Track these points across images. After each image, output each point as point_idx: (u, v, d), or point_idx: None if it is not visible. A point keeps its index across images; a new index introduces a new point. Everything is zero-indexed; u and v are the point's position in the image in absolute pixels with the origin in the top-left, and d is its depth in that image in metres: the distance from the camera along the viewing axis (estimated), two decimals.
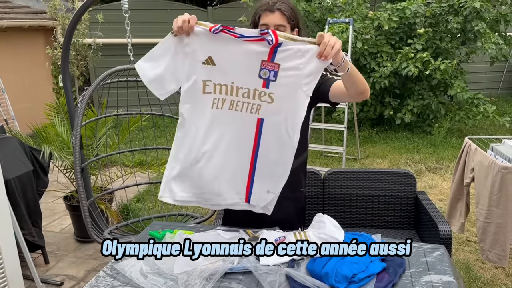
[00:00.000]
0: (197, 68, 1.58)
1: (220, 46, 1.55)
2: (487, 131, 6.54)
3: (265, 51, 1.53)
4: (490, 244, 2.52)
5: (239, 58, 1.55)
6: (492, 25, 6.14)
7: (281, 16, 1.71)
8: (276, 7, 1.71)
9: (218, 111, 1.62)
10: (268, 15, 1.71)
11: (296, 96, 1.58)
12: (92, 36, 6.95)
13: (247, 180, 1.71)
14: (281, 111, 1.60)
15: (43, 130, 3.37)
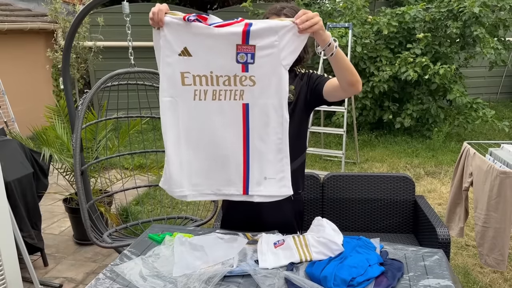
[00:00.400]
0: (174, 60, 1.56)
1: (194, 36, 1.52)
2: (486, 136, 6.56)
3: (238, 34, 1.50)
4: (488, 248, 2.53)
5: (214, 46, 1.52)
6: (491, 30, 6.17)
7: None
8: (283, 12, 1.75)
9: (200, 103, 1.59)
10: (274, 18, 1.72)
11: (277, 73, 1.55)
12: (92, 39, 6.97)
13: (242, 171, 1.66)
14: (264, 91, 1.58)
15: (43, 133, 3.38)
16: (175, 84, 1.58)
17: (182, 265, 1.56)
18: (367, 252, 1.64)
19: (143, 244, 1.84)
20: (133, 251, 1.77)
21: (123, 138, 3.66)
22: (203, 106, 1.59)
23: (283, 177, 1.67)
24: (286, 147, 1.64)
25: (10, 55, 6.74)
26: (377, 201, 2.68)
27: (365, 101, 6.33)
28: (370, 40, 6.12)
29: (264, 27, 1.50)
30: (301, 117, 1.86)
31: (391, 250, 1.74)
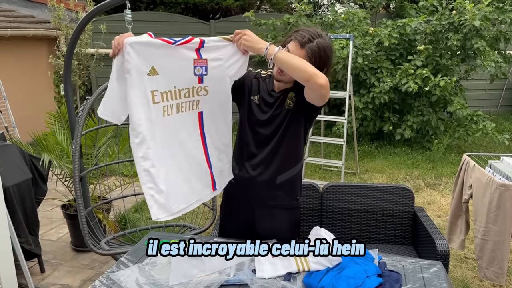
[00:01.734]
0: (144, 81, 1.61)
1: (159, 55, 1.63)
2: (486, 148, 6.55)
3: (193, 50, 1.69)
4: (487, 261, 2.51)
5: (176, 62, 1.66)
6: (491, 43, 6.20)
7: (305, 57, 1.70)
8: (308, 47, 1.71)
9: (169, 118, 1.68)
10: (296, 47, 1.72)
11: (224, 81, 1.78)
12: (94, 46, 7.01)
13: (208, 169, 1.84)
14: (214, 98, 1.79)
15: (43, 138, 3.38)
16: (147, 104, 1.62)
17: (179, 273, 1.55)
18: (365, 263, 1.64)
19: (140, 252, 1.83)
20: (130, 259, 1.76)
21: (123, 145, 3.66)
22: (171, 121, 1.69)
23: (229, 167, 1.94)
24: (230, 143, 1.92)
25: (13, 61, 6.77)
26: (376, 212, 2.67)
27: (366, 112, 6.34)
28: (371, 52, 6.15)
29: (212, 46, 1.73)
30: (299, 124, 1.87)
31: (390, 261, 1.74)
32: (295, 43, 1.73)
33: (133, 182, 3.53)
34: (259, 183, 1.89)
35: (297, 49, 1.71)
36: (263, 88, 1.91)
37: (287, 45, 1.75)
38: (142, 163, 1.62)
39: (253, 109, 1.90)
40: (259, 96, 1.90)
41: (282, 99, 1.86)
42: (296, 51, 1.71)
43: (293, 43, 1.74)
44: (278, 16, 7.42)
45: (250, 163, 1.90)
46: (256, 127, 1.89)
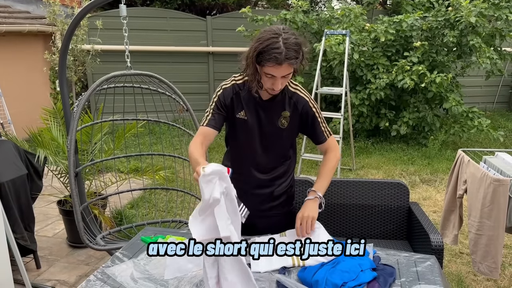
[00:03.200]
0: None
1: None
2: (481, 145, 6.58)
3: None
4: (481, 256, 2.53)
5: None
6: (487, 40, 6.21)
7: (288, 67, 1.63)
8: (284, 58, 1.59)
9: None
10: (276, 67, 1.61)
11: None
12: (90, 42, 6.98)
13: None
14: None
15: (38, 134, 3.37)
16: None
17: (174, 268, 1.56)
18: (360, 257, 1.64)
19: (135, 247, 1.84)
20: (125, 254, 1.77)
21: (119, 141, 3.66)
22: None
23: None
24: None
25: (8, 57, 6.73)
26: (371, 208, 2.68)
27: (362, 108, 6.35)
28: (367, 48, 6.15)
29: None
30: (292, 140, 1.95)
31: (384, 255, 1.75)
32: (272, 67, 1.62)
33: (129, 179, 3.53)
34: (257, 198, 1.95)
35: (278, 68, 1.62)
36: (245, 100, 1.82)
37: (265, 71, 1.65)
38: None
39: (242, 124, 1.84)
40: (244, 111, 1.83)
41: (275, 110, 1.83)
42: (278, 70, 1.63)
43: (269, 68, 1.63)
44: (275, 12, 7.41)
45: (247, 180, 1.92)
46: (248, 143, 1.88)
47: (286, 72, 1.65)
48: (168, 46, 7.73)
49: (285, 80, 1.70)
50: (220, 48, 7.87)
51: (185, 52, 7.84)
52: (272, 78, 1.67)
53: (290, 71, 1.67)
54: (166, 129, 7.07)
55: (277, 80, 1.67)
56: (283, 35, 1.61)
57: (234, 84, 1.84)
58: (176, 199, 4.33)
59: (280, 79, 1.66)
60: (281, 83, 1.69)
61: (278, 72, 1.64)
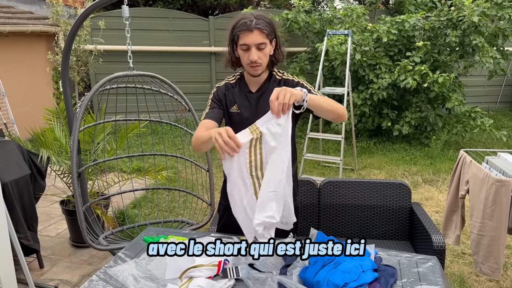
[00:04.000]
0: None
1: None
2: (484, 145, 6.57)
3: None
4: (483, 256, 2.53)
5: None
6: (490, 40, 6.20)
7: (261, 34, 1.73)
8: (254, 26, 1.72)
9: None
10: (247, 34, 1.73)
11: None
12: (93, 42, 7.00)
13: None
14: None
15: (41, 135, 3.38)
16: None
17: (175, 268, 1.56)
18: (361, 258, 1.65)
19: (137, 247, 1.84)
20: (127, 253, 1.78)
21: (121, 142, 3.67)
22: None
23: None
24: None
25: (12, 58, 6.76)
26: (373, 208, 2.68)
27: (364, 108, 6.35)
28: (369, 48, 6.15)
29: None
30: (292, 125, 1.89)
31: (385, 256, 1.75)
32: (243, 34, 1.73)
33: (131, 179, 3.54)
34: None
35: (249, 35, 1.72)
36: (237, 95, 1.90)
37: (240, 43, 1.75)
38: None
39: (236, 117, 1.89)
40: (237, 105, 1.90)
41: (264, 101, 1.84)
42: (250, 37, 1.72)
43: (242, 35, 1.73)
44: (277, 12, 7.41)
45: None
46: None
47: (258, 39, 1.73)
48: (170, 46, 7.74)
49: (261, 53, 1.76)
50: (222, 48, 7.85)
51: (188, 52, 7.85)
52: (247, 50, 1.76)
53: (263, 40, 1.74)
54: (168, 129, 7.08)
55: (252, 50, 1.74)
56: (254, 14, 1.77)
57: (226, 83, 1.96)
58: (178, 199, 4.34)
59: (254, 48, 1.74)
60: (257, 55, 1.75)
61: (251, 39, 1.73)
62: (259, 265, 1.62)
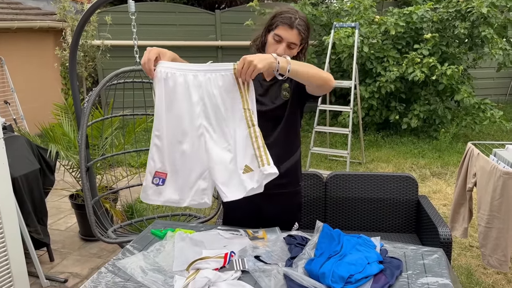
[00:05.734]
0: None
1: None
2: (493, 137, 6.51)
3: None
4: (491, 249, 2.52)
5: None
6: (499, 31, 6.12)
7: (298, 35, 1.77)
8: (296, 25, 1.75)
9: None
10: (287, 29, 1.75)
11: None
12: (100, 37, 7.03)
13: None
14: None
15: (50, 130, 3.42)
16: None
17: (182, 260, 1.58)
18: (366, 250, 1.65)
19: (145, 240, 1.86)
20: (136, 246, 1.80)
21: (129, 136, 3.70)
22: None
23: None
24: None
25: (20, 53, 6.82)
26: (380, 201, 2.68)
27: (372, 101, 6.32)
28: (377, 40, 6.11)
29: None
30: (296, 112, 1.91)
31: (391, 248, 1.75)
32: (284, 28, 1.75)
33: (139, 173, 3.57)
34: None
35: (288, 31, 1.75)
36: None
37: (275, 32, 1.76)
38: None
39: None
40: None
41: (276, 89, 1.87)
42: (288, 34, 1.75)
43: (281, 28, 1.75)
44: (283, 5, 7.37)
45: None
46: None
47: (294, 39, 1.76)
48: (177, 40, 7.75)
49: (289, 51, 1.78)
50: (228, 42, 7.88)
51: (194, 46, 7.85)
52: (278, 42, 1.76)
53: (297, 42, 1.77)
54: None
55: (282, 45, 1.76)
56: (299, 13, 1.80)
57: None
58: None
59: (285, 45, 1.76)
60: (285, 51, 1.76)
61: (288, 35, 1.75)
62: (265, 257, 1.63)
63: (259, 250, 1.70)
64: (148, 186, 1.63)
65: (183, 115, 1.61)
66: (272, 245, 1.74)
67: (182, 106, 1.60)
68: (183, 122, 1.62)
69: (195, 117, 1.61)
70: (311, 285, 1.46)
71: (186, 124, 1.62)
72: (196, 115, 1.61)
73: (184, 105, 1.60)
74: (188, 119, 1.62)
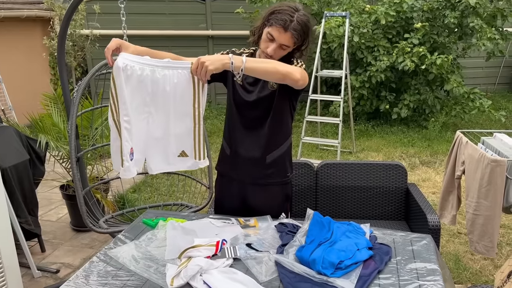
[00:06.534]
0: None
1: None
2: (482, 126, 6.59)
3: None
4: (478, 235, 2.57)
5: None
6: (489, 20, 6.16)
7: (291, 39, 1.73)
8: (291, 28, 1.71)
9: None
10: (280, 31, 1.71)
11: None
12: (89, 27, 6.94)
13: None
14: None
15: (39, 120, 3.39)
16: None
17: (174, 248, 1.59)
18: (356, 236, 1.68)
19: (137, 229, 1.87)
20: (127, 235, 1.80)
21: None
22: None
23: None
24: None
25: (7, 43, 6.72)
26: (370, 189, 2.71)
27: (362, 91, 6.34)
28: (367, 30, 6.11)
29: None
30: (284, 102, 1.90)
31: (380, 235, 1.78)
32: (277, 28, 1.72)
33: None
34: (250, 163, 1.93)
35: (281, 33, 1.72)
36: None
37: (269, 31, 1.74)
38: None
39: (238, 90, 1.91)
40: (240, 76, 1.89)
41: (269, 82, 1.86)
42: (281, 36, 1.72)
43: (275, 28, 1.72)
44: None
45: (240, 144, 1.93)
46: (243, 109, 1.91)
47: (286, 41, 1.73)
48: (167, 30, 7.68)
49: (281, 52, 1.77)
50: (219, 31, 7.82)
51: (184, 36, 7.79)
52: (270, 41, 1.75)
53: (289, 44, 1.74)
54: None
55: (274, 45, 1.74)
56: (300, 12, 1.75)
57: (242, 53, 1.95)
58: (177, 183, 4.37)
59: (277, 45, 1.74)
60: (276, 51, 1.75)
61: (280, 37, 1.72)
62: (256, 245, 1.65)
63: (251, 238, 1.72)
64: (130, 165, 1.67)
65: (138, 102, 1.69)
66: (264, 233, 1.75)
67: (137, 95, 1.67)
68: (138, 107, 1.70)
69: (146, 104, 1.69)
70: (302, 272, 1.48)
71: (139, 109, 1.70)
72: (147, 103, 1.69)
73: (138, 95, 1.67)
74: (141, 106, 1.70)
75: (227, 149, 1.99)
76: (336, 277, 1.44)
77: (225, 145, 2.00)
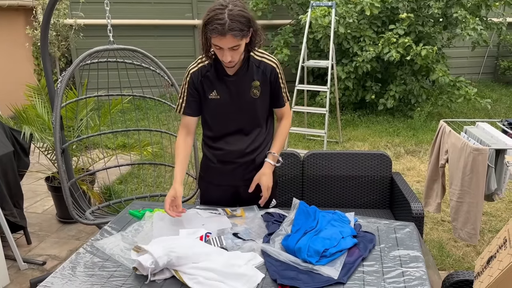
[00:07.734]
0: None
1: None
2: (466, 115, 6.68)
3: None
4: (462, 223, 2.62)
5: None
6: (473, 10, 6.21)
7: (233, 39, 1.65)
8: (228, 30, 1.62)
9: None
10: (220, 39, 1.65)
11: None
12: (73, 16, 6.83)
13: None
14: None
15: (23, 112, 3.34)
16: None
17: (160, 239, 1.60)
18: (341, 225, 1.70)
19: (123, 220, 1.87)
20: (114, 227, 1.80)
21: (105, 117, 3.65)
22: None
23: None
24: None
25: None
26: (355, 178, 2.75)
27: (348, 83, 6.37)
28: (353, 20, 6.12)
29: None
30: (266, 106, 1.96)
31: (365, 223, 1.81)
32: (217, 37, 1.65)
33: (116, 154, 3.54)
34: (242, 169, 1.97)
35: (222, 40, 1.65)
36: (214, 80, 1.86)
37: (212, 42, 1.69)
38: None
39: (216, 103, 1.88)
40: (216, 91, 1.86)
41: (245, 84, 1.86)
42: (223, 41, 1.66)
43: (216, 38, 1.66)
44: None
45: (228, 153, 1.95)
46: (226, 118, 1.91)
47: (231, 43, 1.67)
48: (152, 19, 7.59)
49: (235, 52, 1.71)
50: None
51: (170, 25, 7.71)
52: (220, 49, 1.70)
53: (236, 43, 1.68)
54: (153, 104, 7.03)
55: (225, 52, 1.69)
56: (229, 7, 1.65)
57: (201, 67, 1.87)
58: (164, 174, 4.36)
59: (227, 51, 1.69)
60: (231, 55, 1.71)
61: (223, 43, 1.67)
62: (243, 234, 1.66)
63: (238, 227, 1.74)
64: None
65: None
66: (250, 222, 1.77)
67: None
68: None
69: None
70: (288, 260, 1.50)
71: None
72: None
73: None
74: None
75: (213, 159, 1.98)
76: (321, 264, 1.47)
77: (209, 155, 1.99)
